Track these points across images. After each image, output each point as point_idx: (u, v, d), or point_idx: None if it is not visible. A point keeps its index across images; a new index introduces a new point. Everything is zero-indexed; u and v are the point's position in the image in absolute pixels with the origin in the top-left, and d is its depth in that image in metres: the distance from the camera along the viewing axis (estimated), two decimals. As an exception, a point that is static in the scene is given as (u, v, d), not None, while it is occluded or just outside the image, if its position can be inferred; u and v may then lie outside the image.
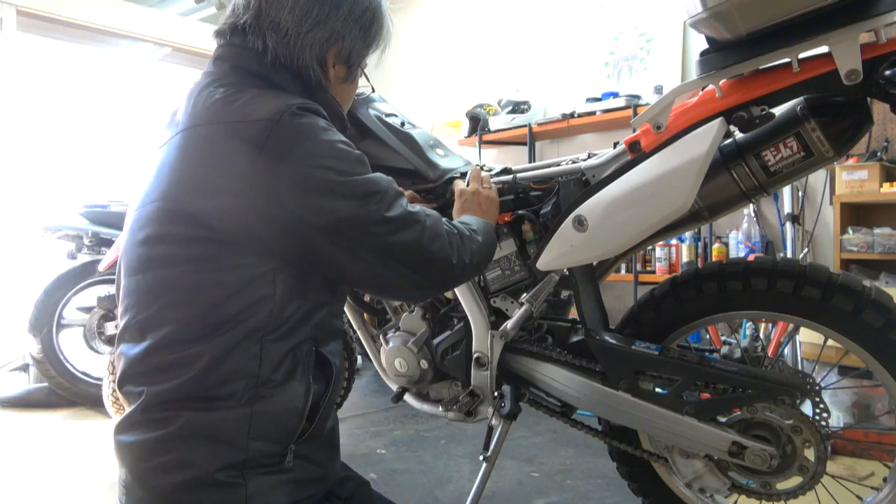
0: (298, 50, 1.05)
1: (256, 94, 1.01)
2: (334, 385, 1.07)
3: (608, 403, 1.36)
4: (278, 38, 1.04)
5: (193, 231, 0.95)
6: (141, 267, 1.00)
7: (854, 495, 1.35)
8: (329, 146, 0.98)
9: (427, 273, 1.08)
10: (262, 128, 0.94)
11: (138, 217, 1.02)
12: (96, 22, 3.99)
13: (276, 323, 0.97)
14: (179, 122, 1.03)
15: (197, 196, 0.95)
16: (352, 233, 0.98)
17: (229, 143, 0.95)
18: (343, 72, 1.14)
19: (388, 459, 2.38)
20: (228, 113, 0.98)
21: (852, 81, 1.01)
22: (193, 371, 0.93)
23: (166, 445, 0.93)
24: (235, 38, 1.08)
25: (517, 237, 1.51)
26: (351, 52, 1.12)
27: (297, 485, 1.00)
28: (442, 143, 1.75)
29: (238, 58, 1.07)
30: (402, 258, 1.03)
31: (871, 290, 1.19)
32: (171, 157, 1.00)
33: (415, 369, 1.63)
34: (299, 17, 1.04)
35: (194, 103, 1.03)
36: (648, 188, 1.20)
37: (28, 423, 2.93)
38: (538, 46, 4.01)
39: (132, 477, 0.96)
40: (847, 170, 2.61)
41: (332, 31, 1.07)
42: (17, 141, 3.69)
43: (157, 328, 0.96)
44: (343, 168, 0.98)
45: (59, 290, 3.10)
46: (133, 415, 0.96)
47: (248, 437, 0.94)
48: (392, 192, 1.03)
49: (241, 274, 0.95)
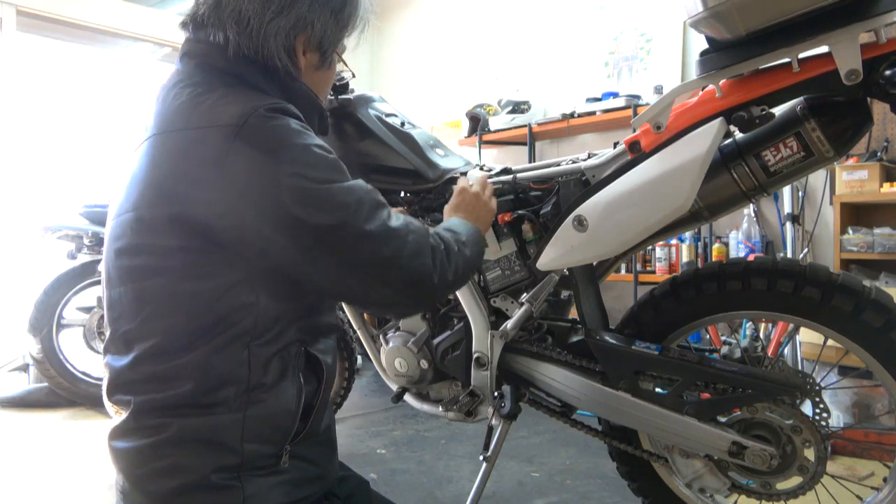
0: (262, 40, 0.99)
1: (223, 94, 0.96)
2: (326, 384, 1.06)
3: (608, 403, 1.35)
4: (240, 30, 0.98)
5: (167, 241, 0.92)
6: (120, 278, 0.98)
7: (854, 495, 1.35)
8: (302, 151, 0.92)
9: (404, 290, 1.00)
10: (228, 133, 0.89)
11: (114, 227, 0.99)
12: (96, 22, 3.99)
13: (262, 327, 0.95)
14: (149, 127, 0.99)
15: (168, 206, 0.92)
16: (324, 246, 0.92)
17: (196, 150, 0.91)
18: (316, 59, 1.07)
19: (388, 459, 2.37)
20: (195, 118, 0.94)
21: (852, 81, 1.01)
22: (182, 381, 0.92)
23: (160, 451, 0.93)
24: (198, 31, 1.02)
25: (517, 237, 1.51)
26: (322, 37, 1.05)
27: (294, 485, 1.00)
28: (442, 143, 1.75)
29: (203, 54, 1.01)
30: (377, 273, 0.97)
31: (871, 290, 1.19)
32: (142, 164, 0.97)
33: (415, 369, 1.63)
34: (261, 5, 0.98)
35: (162, 106, 0.99)
36: (648, 188, 1.20)
37: (28, 423, 2.93)
38: (538, 46, 4.01)
39: (129, 482, 0.96)
40: (847, 170, 2.61)
41: (299, 16, 1.00)
42: (17, 141, 3.69)
43: (142, 340, 0.95)
44: (317, 175, 0.92)
45: (59, 290, 3.10)
46: (126, 422, 0.95)
47: (242, 440, 0.94)
48: (370, 203, 0.97)
49: (219, 282, 0.92)
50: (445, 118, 4.37)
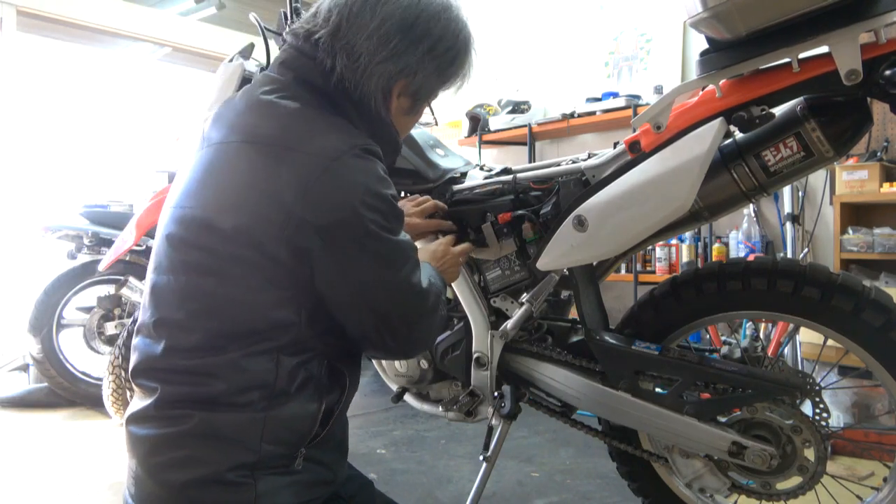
0: (366, 78, 1.01)
1: (319, 120, 0.99)
2: (349, 393, 1.09)
3: (608, 403, 1.36)
4: (349, 63, 1.01)
5: (229, 248, 0.94)
6: (172, 268, 0.99)
7: (854, 495, 1.35)
8: (381, 199, 0.97)
9: (406, 344, 1.09)
10: (319, 164, 0.93)
11: (175, 217, 1.01)
12: (96, 22, 3.99)
13: (294, 342, 0.98)
14: (234, 127, 1.00)
15: (240, 215, 0.94)
16: (365, 289, 0.98)
17: (281, 169, 0.93)
18: (408, 104, 1.11)
19: (388, 459, 2.37)
20: (291, 139, 0.96)
21: (852, 81, 1.01)
22: (211, 379, 0.94)
23: (179, 442, 0.94)
24: (307, 46, 1.04)
25: (517, 237, 1.51)
26: (421, 87, 1.08)
27: (305, 486, 1.01)
28: (442, 143, 1.75)
29: (304, 70, 1.03)
30: (399, 326, 1.04)
31: (871, 290, 1.19)
32: (217, 165, 0.99)
33: (415, 369, 1.63)
34: (376, 46, 1.00)
35: (253, 114, 1.00)
36: (648, 188, 1.20)
37: (28, 423, 2.93)
38: (538, 46, 4.01)
39: (142, 469, 0.97)
40: (847, 170, 2.61)
41: (406, 65, 1.03)
42: (17, 141, 3.69)
43: (181, 332, 0.96)
44: (385, 224, 0.97)
45: (59, 290, 3.10)
46: (147, 409, 0.96)
47: (261, 440, 0.95)
48: (415, 260, 1.05)
49: (269, 297, 0.95)
50: (445, 118, 4.36)
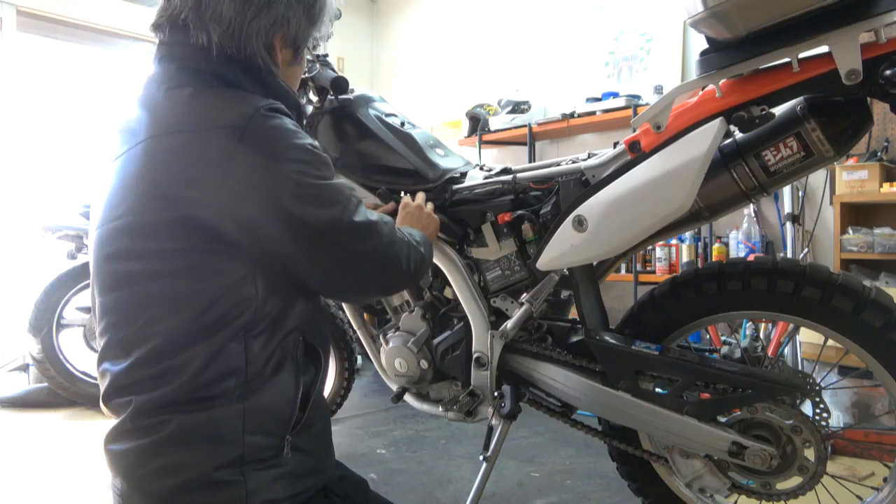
0: (245, 39, 1.01)
1: (217, 96, 0.99)
2: (323, 371, 1.09)
3: (608, 403, 1.36)
4: (222, 30, 1.00)
5: (168, 244, 0.93)
6: (116, 284, 0.98)
7: (854, 495, 1.35)
8: (300, 150, 0.97)
9: (378, 277, 1.11)
10: (231, 134, 0.92)
11: (104, 234, 0.99)
12: (96, 22, 3.99)
13: (259, 320, 0.97)
14: (138, 132, 0.99)
15: (169, 209, 0.93)
16: (323, 242, 0.99)
17: (198, 152, 0.93)
18: (290, 55, 1.11)
19: (388, 459, 2.37)
20: (193, 120, 0.95)
21: (852, 81, 1.01)
22: (182, 377, 0.93)
23: (160, 449, 0.93)
24: (176, 34, 1.03)
25: (517, 237, 1.51)
26: (297, 33, 1.08)
27: (295, 478, 1.00)
28: (442, 143, 1.76)
29: (184, 57, 1.02)
30: (360, 265, 1.05)
31: (871, 290, 1.19)
32: (135, 168, 0.97)
33: (415, 369, 1.63)
34: (241, 6, 1.00)
35: (151, 111, 1.00)
36: (648, 188, 1.20)
37: (28, 423, 2.93)
38: (538, 46, 4.01)
39: (128, 484, 0.95)
40: (847, 170, 2.61)
41: (276, 15, 1.03)
42: (17, 141, 3.69)
43: (143, 343, 0.95)
44: (313, 172, 0.98)
45: (59, 290, 3.09)
46: (122, 424, 0.95)
47: (243, 432, 0.94)
48: (355, 200, 1.04)
49: (222, 280, 0.94)
50: (445, 118, 4.37)
